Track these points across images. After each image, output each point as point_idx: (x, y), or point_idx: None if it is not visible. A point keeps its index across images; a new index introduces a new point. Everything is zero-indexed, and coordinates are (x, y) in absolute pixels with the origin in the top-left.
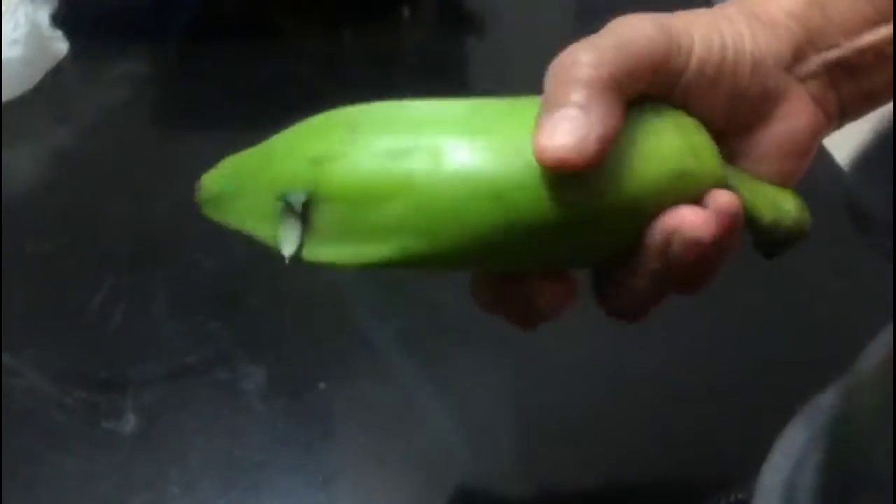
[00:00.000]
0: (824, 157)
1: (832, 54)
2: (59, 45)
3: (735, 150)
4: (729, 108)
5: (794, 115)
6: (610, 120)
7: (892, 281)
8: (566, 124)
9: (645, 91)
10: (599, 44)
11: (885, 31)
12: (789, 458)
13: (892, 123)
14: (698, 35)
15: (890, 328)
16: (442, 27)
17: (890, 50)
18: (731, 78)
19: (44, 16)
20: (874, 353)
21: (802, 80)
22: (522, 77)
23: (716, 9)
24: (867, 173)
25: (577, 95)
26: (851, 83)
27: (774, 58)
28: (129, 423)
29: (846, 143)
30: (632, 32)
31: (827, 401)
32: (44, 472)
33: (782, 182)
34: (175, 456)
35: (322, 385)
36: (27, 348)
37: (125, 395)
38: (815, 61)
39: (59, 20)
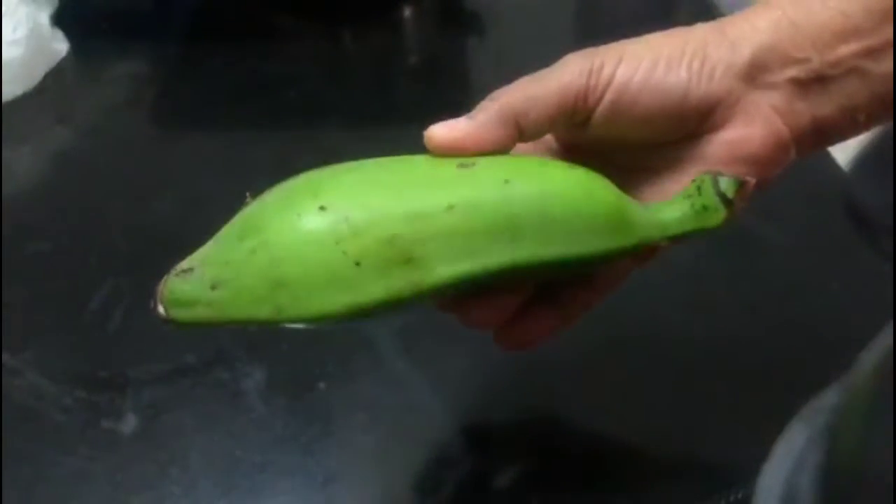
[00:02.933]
0: (824, 157)
1: (801, 66)
2: (60, 46)
3: (685, 155)
4: (669, 115)
5: (746, 123)
6: (485, 133)
7: (892, 281)
8: (454, 122)
9: (562, 115)
10: (522, 84)
11: (855, 45)
12: (789, 458)
13: (891, 124)
14: (627, 57)
15: (890, 328)
16: (442, 27)
17: (863, 65)
18: (663, 89)
19: (44, 16)
20: (874, 353)
21: (763, 90)
22: (523, 76)
23: (682, 28)
24: (867, 174)
25: (478, 113)
26: (825, 96)
27: (725, 67)
28: (129, 422)
29: (846, 144)
30: (555, 76)
31: (827, 401)
32: (44, 472)
33: None
34: (175, 456)
35: (322, 385)
36: (27, 348)
37: (125, 395)
38: (779, 73)
39: (59, 20)
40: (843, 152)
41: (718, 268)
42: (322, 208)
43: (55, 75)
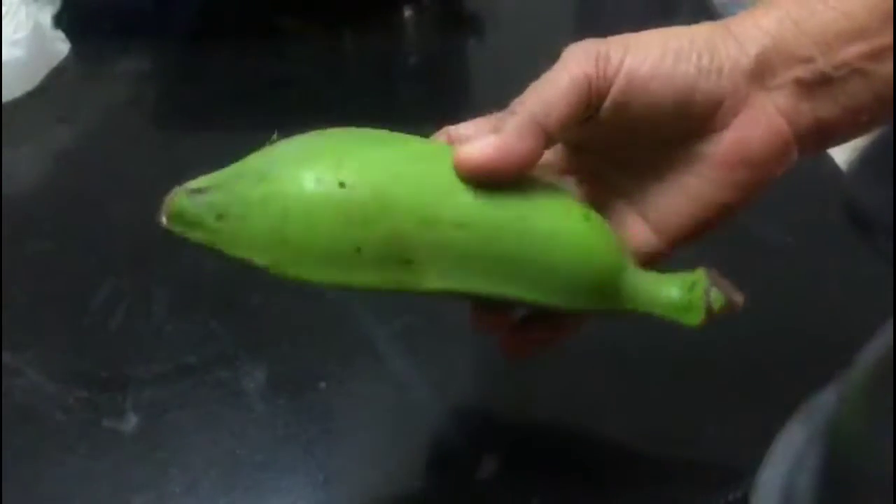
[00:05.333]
0: (824, 157)
1: (806, 66)
2: (61, 46)
3: (689, 155)
4: (677, 106)
5: (749, 124)
6: (514, 145)
7: (891, 282)
8: (483, 141)
9: (580, 106)
10: (534, 89)
11: (859, 46)
12: (788, 457)
13: (891, 124)
14: (633, 47)
15: (890, 328)
16: (442, 28)
17: (867, 66)
18: (672, 78)
19: (45, 16)
20: (873, 353)
21: (769, 90)
22: (522, 78)
23: (687, 27)
24: (867, 174)
25: (503, 126)
26: (828, 97)
27: (732, 64)
28: (130, 422)
29: (845, 144)
30: (563, 71)
31: (826, 400)
32: (44, 472)
33: (742, 190)
34: (175, 455)
35: (322, 384)
36: (28, 348)
37: (126, 395)
38: (784, 73)
39: (60, 21)
40: (842, 152)
41: (718, 268)
42: (342, 185)
43: (56, 76)
